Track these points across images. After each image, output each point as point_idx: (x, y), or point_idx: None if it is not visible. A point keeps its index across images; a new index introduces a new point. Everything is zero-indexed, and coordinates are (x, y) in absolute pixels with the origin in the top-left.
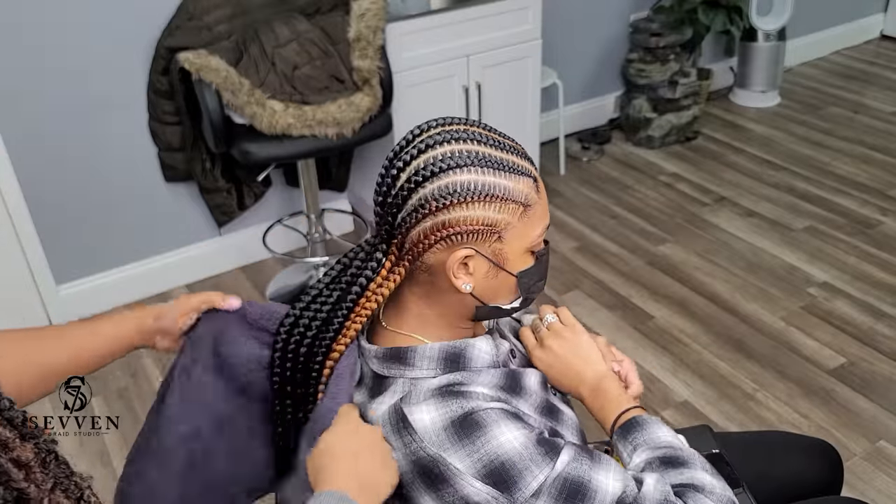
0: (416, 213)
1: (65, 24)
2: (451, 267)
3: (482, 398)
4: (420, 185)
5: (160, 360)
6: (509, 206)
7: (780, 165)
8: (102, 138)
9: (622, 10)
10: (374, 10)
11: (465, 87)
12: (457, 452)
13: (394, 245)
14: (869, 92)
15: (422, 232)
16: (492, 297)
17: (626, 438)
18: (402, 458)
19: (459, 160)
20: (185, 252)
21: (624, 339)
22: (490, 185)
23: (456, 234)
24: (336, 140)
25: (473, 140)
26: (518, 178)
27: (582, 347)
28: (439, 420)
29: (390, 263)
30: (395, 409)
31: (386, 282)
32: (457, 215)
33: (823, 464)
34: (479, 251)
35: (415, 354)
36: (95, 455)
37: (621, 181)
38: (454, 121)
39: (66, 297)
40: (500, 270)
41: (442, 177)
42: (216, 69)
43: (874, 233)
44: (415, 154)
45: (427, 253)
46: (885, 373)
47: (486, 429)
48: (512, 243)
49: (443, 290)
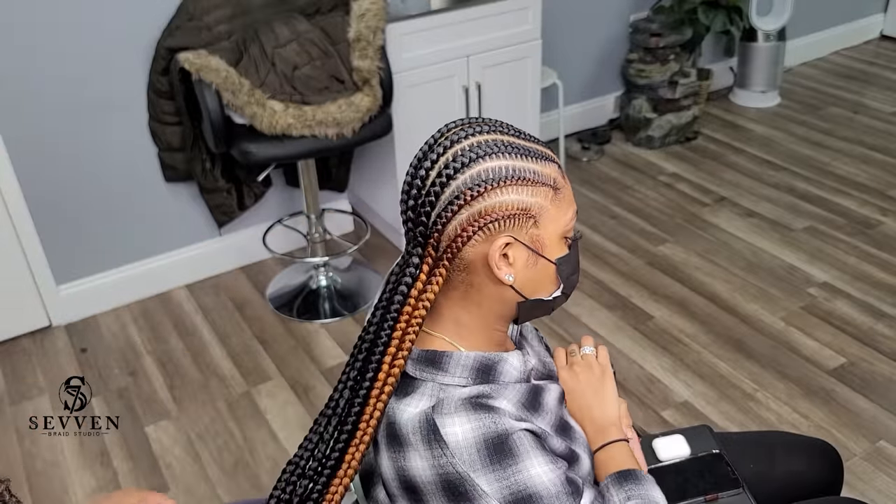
0: (452, 205)
1: (65, 25)
2: (494, 256)
3: (510, 416)
4: (451, 177)
5: (160, 360)
6: (541, 188)
7: (780, 165)
8: (103, 138)
9: (622, 10)
10: (374, 10)
11: (465, 87)
12: (486, 476)
13: (429, 247)
14: (869, 92)
15: (458, 225)
16: (533, 290)
17: (622, 485)
18: (427, 469)
19: (487, 148)
20: (185, 252)
21: (624, 339)
22: (520, 168)
23: (494, 222)
24: (336, 140)
25: (496, 131)
26: (544, 162)
27: (605, 389)
28: (472, 437)
29: (428, 266)
30: (426, 417)
31: (429, 285)
32: (492, 202)
33: (823, 464)
34: (518, 238)
35: (450, 360)
36: (95, 455)
37: (621, 181)
38: (473, 120)
39: (66, 296)
40: (539, 258)
41: (472, 166)
42: (216, 69)
43: (874, 233)
44: (441, 152)
45: (466, 247)
46: (886, 373)
47: (518, 457)
48: (547, 227)
49: (482, 290)
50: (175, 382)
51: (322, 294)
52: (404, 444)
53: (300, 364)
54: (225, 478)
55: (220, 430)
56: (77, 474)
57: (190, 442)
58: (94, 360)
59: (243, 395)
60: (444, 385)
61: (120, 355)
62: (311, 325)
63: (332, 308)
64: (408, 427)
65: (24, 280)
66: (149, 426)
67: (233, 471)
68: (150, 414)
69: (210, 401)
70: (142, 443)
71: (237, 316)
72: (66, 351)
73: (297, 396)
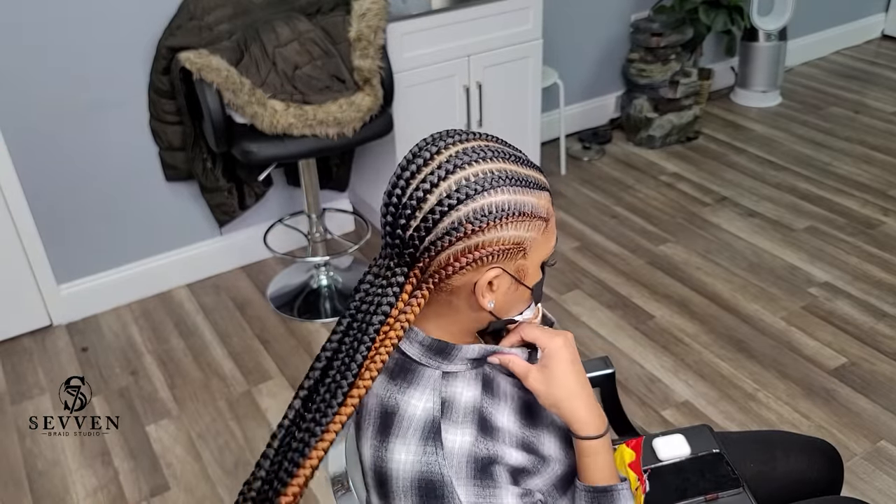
0: (449, 235)
1: (66, 24)
2: (482, 287)
3: (507, 443)
4: (454, 207)
5: (161, 359)
6: (535, 222)
7: (781, 165)
8: (103, 138)
9: (623, 9)
10: (375, 9)
11: (466, 86)
12: (467, 487)
13: (416, 268)
14: (870, 92)
15: (452, 255)
16: (507, 311)
17: (600, 502)
18: (410, 463)
19: (494, 181)
20: (185, 251)
21: (624, 338)
22: (521, 203)
23: (487, 255)
24: (337, 140)
25: (499, 157)
26: (540, 192)
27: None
28: (467, 450)
29: (411, 286)
30: (433, 420)
31: (409, 307)
32: (490, 237)
33: (824, 463)
34: (506, 269)
35: (458, 352)
36: (95, 455)
37: (622, 181)
38: (469, 136)
39: (67, 296)
40: (519, 285)
41: (477, 199)
42: (217, 69)
43: (875, 233)
44: (443, 175)
45: (455, 275)
46: (886, 373)
47: (497, 485)
48: (533, 258)
49: (459, 310)
50: (176, 382)
51: (323, 293)
52: (395, 434)
53: (301, 363)
54: (226, 477)
55: (221, 430)
56: (78, 474)
57: (191, 441)
58: (94, 360)
59: (244, 395)
60: (447, 374)
61: (121, 355)
62: (311, 325)
63: (332, 308)
64: (410, 422)
65: (25, 279)
66: (150, 425)
67: (233, 470)
68: (151, 413)
69: (211, 400)
70: (142, 442)
71: (238, 315)
72: (67, 350)
73: None
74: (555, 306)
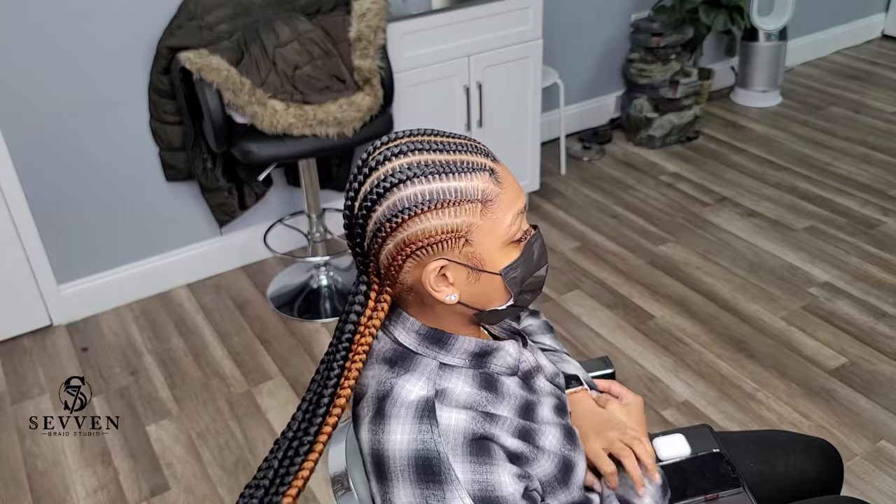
0: (376, 237)
1: (66, 24)
2: (428, 282)
3: (504, 429)
4: (371, 209)
5: (161, 359)
6: (465, 206)
7: (781, 165)
8: (104, 138)
9: (623, 9)
10: (376, 9)
11: (466, 86)
12: (463, 464)
13: (371, 273)
14: (870, 92)
15: (388, 255)
16: (486, 303)
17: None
18: (406, 442)
19: (401, 175)
20: (186, 251)
21: (624, 338)
22: (437, 191)
23: (420, 249)
24: (337, 140)
25: (414, 150)
26: (470, 175)
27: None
28: (462, 428)
29: (375, 293)
30: (427, 400)
31: (375, 312)
32: (414, 230)
33: (824, 463)
34: (451, 259)
35: (455, 342)
36: (96, 454)
37: (622, 181)
38: (397, 136)
39: (67, 296)
40: (480, 273)
41: (388, 196)
42: (217, 69)
43: (875, 233)
44: (362, 180)
45: (402, 273)
46: (886, 373)
47: (493, 462)
48: (483, 243)
49: (433, 306)
50: (176, 382)
51: (323, 293)
52: (390, 415)
53: (301, 363)
54: (226, 477)
55: (221, 430)
56: (78, 474)
57: (191, 441)
58: (94, 360)
59: (244, 395)
60: (444, 364)
61: (121, 354)
62: (311, 325)
63: (332, 307)
64: (404, 402)
65: (26, 279)
66: (150, 425)
67: (234, 470)
68: (151, 413)
69: (211, 400)
70: (143, 442)
71: (238, 315)
72: (67, 350)
73: (298, 396)
74: (555, 306)
